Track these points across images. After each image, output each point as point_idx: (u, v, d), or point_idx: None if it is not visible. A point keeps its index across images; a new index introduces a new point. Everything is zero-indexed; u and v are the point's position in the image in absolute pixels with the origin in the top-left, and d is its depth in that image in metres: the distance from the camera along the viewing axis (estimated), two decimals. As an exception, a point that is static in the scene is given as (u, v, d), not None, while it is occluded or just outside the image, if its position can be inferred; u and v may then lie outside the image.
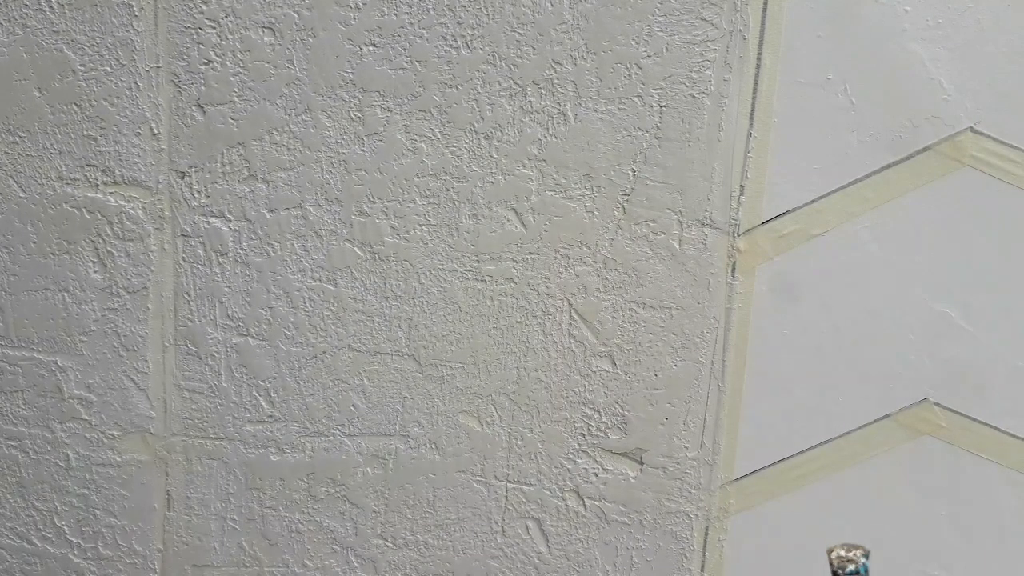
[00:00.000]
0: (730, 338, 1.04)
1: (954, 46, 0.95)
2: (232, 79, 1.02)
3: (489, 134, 1.01)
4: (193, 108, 1.03)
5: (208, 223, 1.06)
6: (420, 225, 1.04)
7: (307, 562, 1.14)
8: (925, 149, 0.98)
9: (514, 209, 1.03)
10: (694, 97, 0.99)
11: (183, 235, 1.07)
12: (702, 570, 1.10)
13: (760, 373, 1.04)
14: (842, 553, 0.72)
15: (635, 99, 0.99)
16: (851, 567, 0.72)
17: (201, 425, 1.11)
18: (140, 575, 1.16)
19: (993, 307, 1.00)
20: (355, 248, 1.05)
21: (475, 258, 1.05)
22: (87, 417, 1.12)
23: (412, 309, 1.07)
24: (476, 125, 1.01)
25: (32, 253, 1.08)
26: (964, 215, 0.99)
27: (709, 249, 1.02)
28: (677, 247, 1.02)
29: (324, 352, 1.08)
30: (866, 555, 0.72)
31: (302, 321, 1.08)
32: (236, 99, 1.02)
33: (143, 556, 1.16)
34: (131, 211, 1.06)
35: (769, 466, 1.06)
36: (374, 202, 1.04)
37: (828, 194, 1.00)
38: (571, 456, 1.09)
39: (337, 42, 1.00)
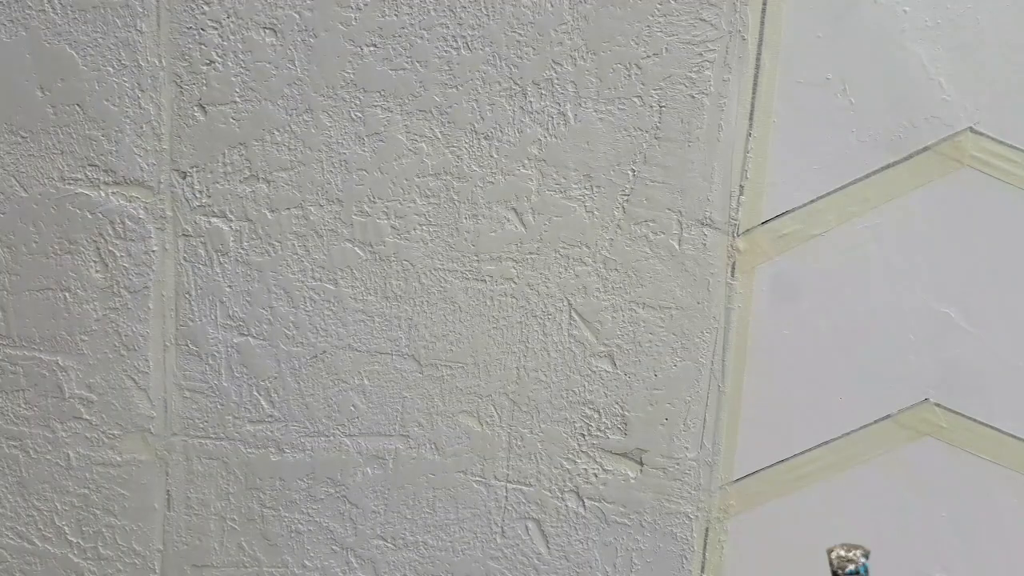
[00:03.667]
0: (730, 338, 1.04)
1: (954, 46, 0.95)
2: (234, 79, 1.02)
3: (489, 134, 1.02)
4: (195, 108, 1.04)
5: (209, 223, 1.06)
6: (420, 225, 1.05)
7: (307, 562, 1.14)
8: (925, 149, 0.98)
9: (514, 209, 1.03)
10: (694, 97, 0.99)
11: (184, 235, 1.07)
12: (702, 571, 1.10)
13: (760, 373, 1.04)
14: (842, 553, 0.72)
15: (635, 99, 0.99)
16: (851, 567, 0.72)
17: (201, 425, 1.12)
18: (140, 575, 1.16)
19: (993, 307, 1.00)
20: (356, 248, 1.06)
21: (475, 258, 1.05)
22: (88, 417, 1.12)
23: (412, 309, 1.07)
24: (476, 125, 1.02)
25: (34, 253, 1.08)
26: (964, 215, 0.99)
27: (709, 249, 1.02)
28: (677, 247, 1.03)
29: (324, 352, 1.09)
30: (866, 555, 0.72)
31: (303, 321, 1.08)
32: (237, 99, 1.03)
33: (143, 556, 1.16)
34: (133, 211, 1.07)
35: (769, 467, 1.06)
36: (375, 202, 1.04)
37: (828, 194, 1.00)
38: (571, 456, 1.09)
39: (338, 43, 1.01)
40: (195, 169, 1.05)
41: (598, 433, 1.08)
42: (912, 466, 1.04)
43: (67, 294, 1.09)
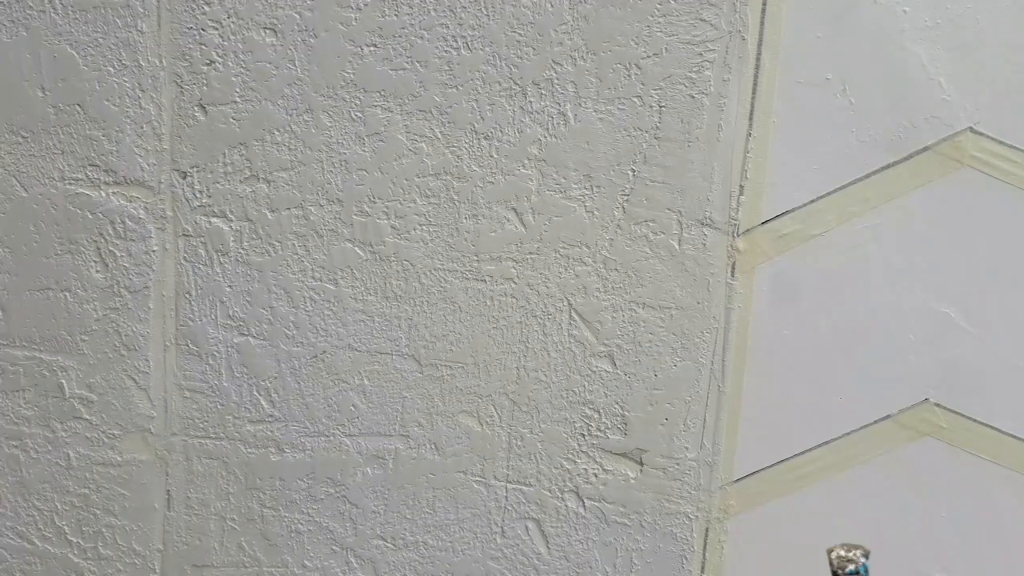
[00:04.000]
0: (730, 338, 1.04)
1: (954, 46, 0.95)
2: (234, 79, 1.02)
3: (489, 134, 1.02)
4: (195, 108, 1.04)
5: (210, 223, 1.07)
6: (420, 225, 1.05)
7: (307, 562, 1.14)
8: (925, 149, 0.98)
9: (514, 209, 1.03)
10: (693, 97, 0.99)
11: (185, 235, 1.07)
12: (702, 571, 1.10)
13: (760, 373, 1.04)
14: (842, 553, 0.72)
15: (635, 99, 0.99)
16: (851, 567, 0.72)
17: (201, 425, 1.12)
18: (140, 575, 1.16)
19: (993, 307, 1.00)
20: (356, 248, 1.06)
21: (475, 258, 1.05)
22: (88, 416, 1.12)
23: (412, 309, 1.07)
24: (476, 125, 1.02)
25: (34, 253, 1.08)
26: (964, 215, 0.99)
27: (709, 249, 1.02)
28: (677, 247, 1.03)
29: (324, 352, 1.09)
30: (866, 555, 0.72)
31: (303, 321, 1.08)
32: (238, 99, 1.03)
33: (143, 556, 1.16)
34: (133, 211, 1.07)
35: (769, 467, 1.06)
36: (375, 202, 1.04)
37: (828, 194, 1.00)
38: (571, 456, 1.09)
39: (338, 43, 1.01)
40: (195, 169, 1.05)
41: (598, 433, 1.08)
42: (912, 466, 1.04)
43: (67, 294, 1.09)
